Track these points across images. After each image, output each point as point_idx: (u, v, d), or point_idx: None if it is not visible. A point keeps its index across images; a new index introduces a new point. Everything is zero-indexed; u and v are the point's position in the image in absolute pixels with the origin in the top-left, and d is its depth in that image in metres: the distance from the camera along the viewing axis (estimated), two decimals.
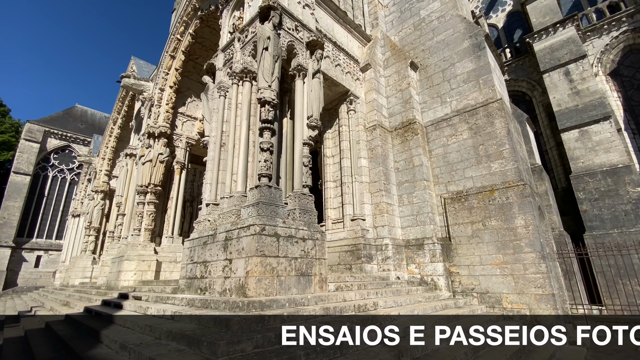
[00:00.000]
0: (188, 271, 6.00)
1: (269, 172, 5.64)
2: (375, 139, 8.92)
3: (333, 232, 8.83)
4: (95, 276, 15.88)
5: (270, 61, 5.77)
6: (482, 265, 7.55)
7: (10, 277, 28.09)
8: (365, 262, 7.84)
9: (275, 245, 4.98)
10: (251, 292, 4.50)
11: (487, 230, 7.59)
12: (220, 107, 7.15)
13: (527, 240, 7.04)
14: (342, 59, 9.13)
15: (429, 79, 9.68)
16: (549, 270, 6.89)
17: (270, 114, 5.74)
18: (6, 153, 31.37)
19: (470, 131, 8.45)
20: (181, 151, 12.21)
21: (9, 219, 28.88)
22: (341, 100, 9.36)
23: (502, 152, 7.84)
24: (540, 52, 16.53)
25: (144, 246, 10.37)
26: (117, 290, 8.60)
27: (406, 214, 8.66)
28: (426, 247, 8.02)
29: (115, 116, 18.41)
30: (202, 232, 6.13)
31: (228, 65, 7.43)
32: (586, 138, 14.23)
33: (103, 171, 18.81)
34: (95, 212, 17.91)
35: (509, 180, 7.62)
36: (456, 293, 7.74)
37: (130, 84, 12.89)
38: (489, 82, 8.52)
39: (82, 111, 38.80)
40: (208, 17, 10.62)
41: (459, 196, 8.18)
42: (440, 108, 9.20)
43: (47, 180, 32.63)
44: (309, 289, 5.24)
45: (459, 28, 9.41)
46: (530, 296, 6.84)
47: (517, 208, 7.28)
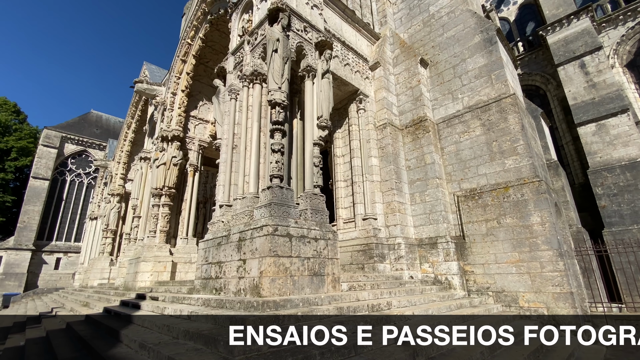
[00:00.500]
0: (203, 272, 6.09)
1: (280, 173, 5.68)
2: (385, 138, 8.87)
3: (345, 232, 8.83)
4: (113, 277, 16.28)
5: (279, 63, 5.81)
6: (497, 264, 7.42)
7: (31, 279, 29.04)
8: (377, 262, 7.82)
9: (287, 246, 5.02)
10: (265, 292, 4.55)
11: (502, 228, 7.46)
12: (232, 110, 7.23)
13: (544, 238, 6.89)
14: (351, 58, 9.11)
15: (440, 76, 9.56)
16: (566, 268, 6.73)
17: (280, 115, 5.78)
18: (24, 159, 32.43)
19: (483, 127, 8.31)
20: (194, 154, 12.40)
21: (29, 223, 29.85)
22: (351, 100, 9.34)
23: (516, 148, 7.70)
24: (554, 45, 16.13)
25: (160, 247, 10.58)
26: (135, 291, 8.80)
27: (418, 212, 8.59)
28: (440, 246, 7.93)
29: (129, 121, 18.82)
30: (216, 233, 6.22)
31: (238, 68, 7.51)
32: (603, 132, 13.83)
33: (118, 175, 19.25)
34: (112, 214, 18.35)
35: (523, 176, 7.48)
36: (471, 292, 7.63)
37: (143, 89, 13.16)
38: (502, 77, 8.37)
39: (97, 116, 39.81)
40: (217, 20, 10.75)
41: (472, 194, 8.07)
42: (452, 105, 9.09)
43: (65, 185, 33.61)
44: (322, 288, 5.26)
45: (469, 23, 9.27)
46: (547, 295, 6.70)
47: (532, 205, 7.14)
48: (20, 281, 28.09)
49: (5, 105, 33.10)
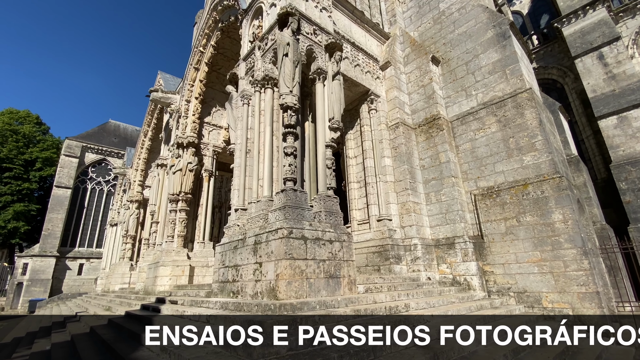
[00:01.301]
0: (220, 275, 6.17)
1: (294, 176, 5.70)
2: (398, 137, 8.79)
3: (359, 234, 8.77)
4: (134, 282, 16.68)
5: (290, 67, 5.85)
6: (518, 263, 7.22)
7: (56, 285, 30.09)
8: (394, 263, 7.73)
9: (303, 248, 5.03)
10: (282, 294, 4.57)
11: (522, 227, 7.26)
12: (244, 115, 7.33)
13: (567, 236, 6.67)
14: (361, 58, 9.09)
15: (452, 73, 9.42)
16: (592, 267, 6.49)
17: (292, 118, 5.81)
18: (49, 169, 33.72)
19: (498, 124, 8.13)
20: (209, 159, 12.61)
21: (53, 230, 30.98)
22: (362, 100, 9.31)
23: (535, 144, 7.49)
24: (571, 37, 15.64)
25: (178, 252, 10.78)
26: (154, 295, 8.99)
27: (434, 212, 8.46)
28: (457, 246, 7.78)
29: (146, 129, 19.32)
30: (232, 236, 6.30)
31: (250, 73, 7.60)
32: (626, 124, 13.29)
33: (136, 182, 19.76)
34: (131, 221, 18.84)
35: (543, 173, 7.26)
36: (491, 293, 7.45)
37: (159, 97, 13.49)
38: (517, 71, 8.18)
39: (115, 126, 41.05)
40: (228, 28, 10.94)
41: (490, 192, 7.89)
42: (466, 102, 8.93)
43: (86, 193, 34.76)
44: (338, 291, 5.24)
45: (481, 18, 9.11)
46: (572, 295, 6.47)
47: (553, 202, 6.92)
48: (45, 287, 29.14)
49: (29, 117, 34.55)
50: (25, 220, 31.15)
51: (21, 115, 34.23)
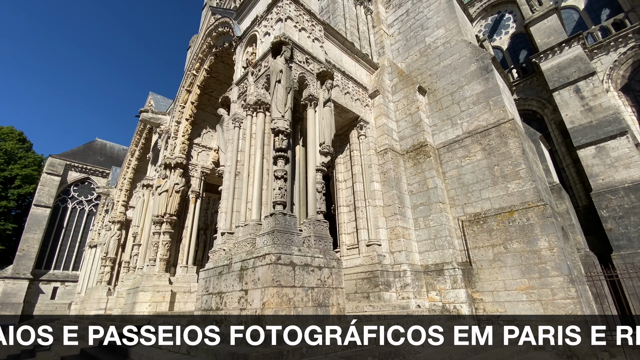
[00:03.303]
0: (203, 302, 5.92)
1: (284, 200, 5.66)
2: (387, 163, 8.93)
3: (348, 259, 8.66)
4: (110, 307, 15.83)
5: (283, 93, 5.97)
6: (506, 291, 7.21)
7: (27, 309, 28.28)
8: (383, 290, 7.60)
9: (291, 275, 4.91)
10: (268, 325, 4.38)
11: (509, 254, 7.32)
12: (235, 138, 7.34)
13: (553, 263, 6.74)
14: (351, 86, 9.37)
15: (438, 102, 9.78)
16: (579, 295, 6.53)
17: (284, 142, 5.85)
18: (28, 186, 32.63)
19: (483, 152, 8.38)
20: (196, 180, 12.46)
21: (28, 251, 29.51)
22: (351, 126, 9.50)
23: (519, 172, 7.71)
24: (548, 71, 16.60)
25: (159, 276, 10.36)
26: (132, 323, 8.51)
27: (423, 237, 8.47)
28: (446, 273, 7.74)
29: (133, 148, 19.09)
30: (218, 261, 6.11)
31: (242, 97, 7.70)
32: (604, 154, 13.90)
33: (120, 202, 19.25)
34: (112, 242, 18.15)
35: (528, 200, 7.43)
36: (481, 321, 7.35)
37: (148, 117, 13.46)
38: (499, 102, 8.55)
39: (102, 144, 40.46)
40: (222, 53, 11.18)
41: (477, 218, 7.99)
42: (451, 130, 9.22)
43: (66, 212, 33.54)
44: (326, 320, 5.08)
45: (465, 52, 9.61)
46: (561, 323, 6.43)
47: (539, 229, 7.04)
48: (16, 311, 27.36)
49: (12, 134, 33.79)
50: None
51: (4, 131, 33.47)
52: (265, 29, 7.73)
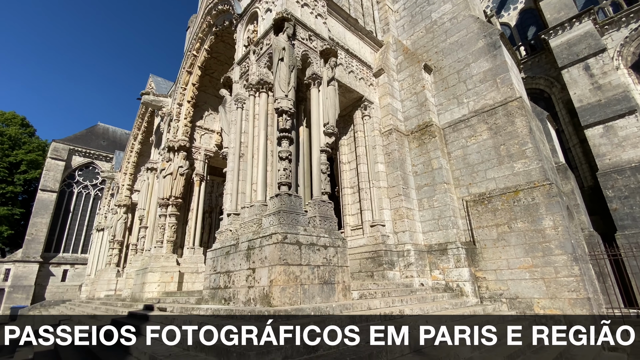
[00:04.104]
0: (211, 281, 6.04)
1: (289, 181, 5.66)
2: (391, 143, 8.84)
3: (352, 239, 8.74)
4: (120, 288, 16.25)
5: (286, 71, 5.85)
6: (509, 270, 7.28)
7: (39, 292, 29.12)
8: (387, 269, 7.70)
9: (297, 254, 4.96)
10: (276, 301, 4.48)
11: (513, 233, 7.33)
12: (238, 119, 7.27)
13: (557, 242, 6.76)
14: (354, 65, 9.16)
15: (444, 81, 9.56)
16: (582, 273, 6.58)
17: (287, 123, 5.79)
18: (34, 171, 32.86)
19: (489, 131, 8.26)
20: (200, 163, 12.46)
21: (37, 235, 30.07)
22: (355, 106, 9.36)
23: (525, 152, 7.61)
24: (557, 48, 16.12)
25: (167, 258, 10.55)
26: (142, 302, 8.76)
27: (427, 218, 8.49)
28: (450, 252, 7.80)
29: (136, 132, 19.03)
30: (224, 242, 6.19)
31: (244, 77, 7.57)
32: (611, 134, 13.68)
33: (125, 186, 19.38)
34: (119, 225, 18.42)
35: (533, 180, 7.38)
36: (483, 299, 7.47)
37: (150, 100, 13.32)
38: (507, 80, 8.34)
39: (104, 129, 40.37)
40: (222, 32, 10.91)
41: (481, 198, 7.97)
42: (457, 109, 9.06)
43: (72, 197, 33.92)
44: (332, 297, 5.18)
45: (472, 28, 9.30)
46: (563, 301, 6.53)
47: (544, 209, 7.02)
48: (27, 293, 28.18)
49: (14, 119, 33.72)
50: (8, 224, 30.21)
51: (7, 117, 33.40)
52: (266, 5, 7.49)
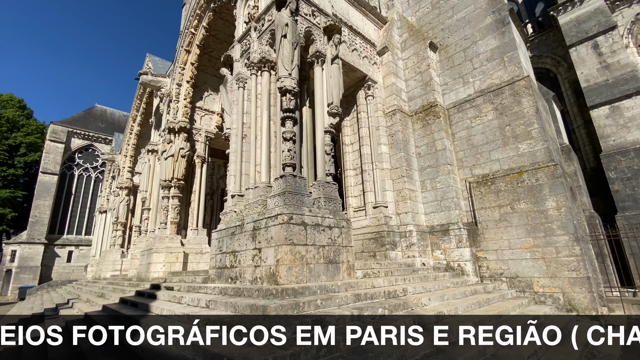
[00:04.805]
0: (217, 261, 6.12)
1: (293, 162, 5.62)
2: (395, 124, 8.74)
3: (355, 220, 8.79)
4: (125, 269, 16.54)
5: (289, 48, 5.68)
6: (511, 250, 7.36)
7: (45, 272, 29.69)
8: (389, 249, 7.80)
9: (303, 234, 5.00)
10: (282, 279, 4.55)
11: (515, 214, 7.37)
12: (240, 99, 7.14)
13: (560, 223, 6.80)
14: (358, 43, 8.92)
15: (450, 59, 9.34)
16: (583, 253, 6.65)
17: (291, 102, 5.69)
18: (33, 154, 32.73)
19: (495, 112, 8.14)
20: (201, 145, 12.37)
21: (40, 217, 30.33)
22: (359, 86, 9.18)
23: (531, 132, 7.53)
24: (566, 25, 15.64)
25: (171, 239, 10.67)
26: (149, 282, 8.92)
27: (429, 199, 8.51)
28: (452, 233, 7.88)
29: (135, 114, 18.81)
30: (229, 222, 6.22)
31: (245, 56, 7.38)
32: (617, 114, 13.50)
33: (126, 168, 19.35)
34: (121, 207, 18.53)
35: (538, 161, 7.33)
36: (484, 278, 7.61)
37: (148, 80, 13.08)
38: (515, 59, 8.14)
39: (102, 111, 39.90)
40: (221, 8, 10.56)
41: (485, 180, 7.95)
42: (463, 89, 8.89)
43: (73, 179, 33.97)
44: (337, 276, 5.26)
45: (480, 3, 8.98)
46: (563, 280, 6.65)
47: (547, 190, 7.02)
48: (34, 274, 28.74)
49: (12, 101, 33.26)
50: (11, 206, 30.40)
51: (4, 98, 32.92)
52: None
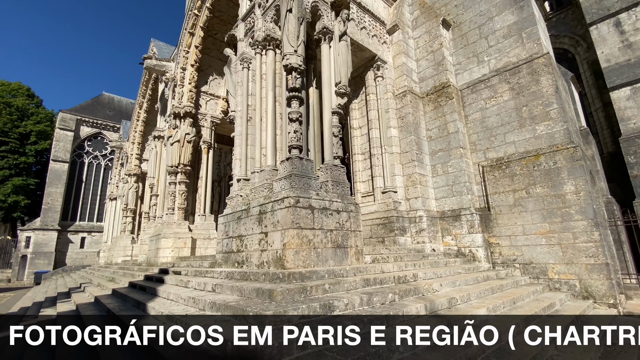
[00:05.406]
0: (224, 246, 6.04)
1: (300, 144, 5.43)
2: (405, 107, 8.42)
3: (363, 206, 8.61)
4: (136, 254, 16.78)
5: (294, 24, 5.40)
6: (525, 235, 7.12)
7: (59, 258, 30.46)
8: (398, 235, 7.63)
9: (310, 218, 4.85)
10: (289, 264, 4.43)
11: (531, 198, 7.09)
12: (244, 80, 6.91)
13: (578, 207, 6.51)
14: (367, 21, 8.53)
15: (464, 37, 8.89)
16: (602, 239, 6.38)
17: (297, 81, 5.44)
18: (44, 142, 33.12)
19: (511, 92, 7.75)
20: (207, 130, 12.23)
21: (53, 204, 30.92)
22: (367, 67, 8.84)
23: (549, 113, 7.16)
24: (586, 2, 14.77)
25: (179, 224, 10.67)
26: (157, 266, 8.96)
27: (440, 184, 8.26)
28: (463, 218, 7.65)
29: (141, 100, 18.70)
30: (235, 207, 6.11)
31: (249, 35, 7.10)
32: (639, 96, 12.85)
33: (134, 155, 19.41)
34: (130, 194, 18.67)
35: (557, 143, 6.99)
36: (496, 264, 7.41)
37: (153, 65, 12.87)
38: (534, 35, 7.68)
39: (109, 98, 39.98)
40: None
41: (499, 163, 7.65)
42: (477, 68, 8.48)
43: (83, 167, 34.40)
44: (345, 260, 5.13)
45: None
46: (580, 266, 6.41)
47: (566, 173, 6.70)
48: (49, 259, 29.52)
49: (20, 89, 33.49)
50: (24, 194, 31.02)
51: (13, 87, 33.14)
52: None
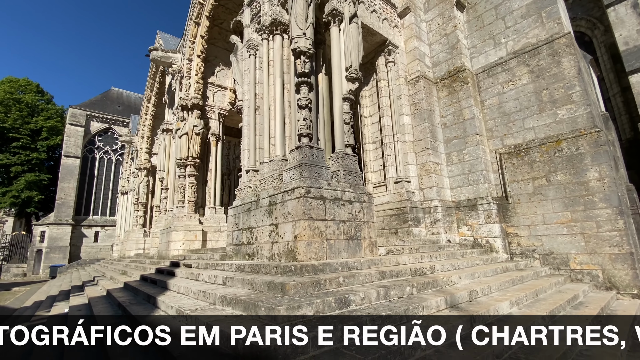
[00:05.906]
0: (234, 238, 5.93)
1: (309, 132, 5.22)
2: (418, 92, 8.11)
3: (375, 196, 8.37)
4: (148, 247, 16.94)
5: (303, 5, 5.15)
6: (545, 225, 6.83)
7: (74, 252, 31.10)
8: (412, 226, 7.42)
9: (321, 208, 4.67)
10: (301, 256, 4.28)
11: (551, 186, 6.77)
12: (251, 68, 6.70)
13: (602, 195, 6.19)
14: (377, 4, 8.18)
15: (479, 19, 8.48)
16: (626, 227, 6.07)
17: (306, 66, 5.21)
18: (55, 138, 33.51)
19: (530, 75, 7.37)
20: (215, 122, 12.09)
21: (66, 199, 31.45)
22: (378, 52, 8.52)
23: (572, 96, 6.78)
24: None
25: (189, 217, 10.64)
26: (168, 259, 8.95)
27: (456, 173, 7.98)
28: (480, 208, 7.38)
29: (149, 94, 18.66)
30: (245, 199, 5.97)
31: (256, 20, 6.86)
32: None
33: (143, 149, 19.46)
34: (141, 188, 18.78)
35: (579, 127, 6.63)
36: (514, 255, 7.16)
37: (159, 57, 12.73)
38: (554, 14, 7.26)
39: (118, 93, 40.18)
40: None
41: (517, 150, 7.32)
42: (494, 51, 8.09)
43: (95, 162, 34.82)
44: (359, 252, 4.96)
45: None
46: (604, 256, 6.12)
47: (589, 159, 6.36)
48: (64, 253, 30.15)
49: (29, 86, 33.80)
50: (38, 189, 31.57)
51: (21, 83, 33.45)
52: None
